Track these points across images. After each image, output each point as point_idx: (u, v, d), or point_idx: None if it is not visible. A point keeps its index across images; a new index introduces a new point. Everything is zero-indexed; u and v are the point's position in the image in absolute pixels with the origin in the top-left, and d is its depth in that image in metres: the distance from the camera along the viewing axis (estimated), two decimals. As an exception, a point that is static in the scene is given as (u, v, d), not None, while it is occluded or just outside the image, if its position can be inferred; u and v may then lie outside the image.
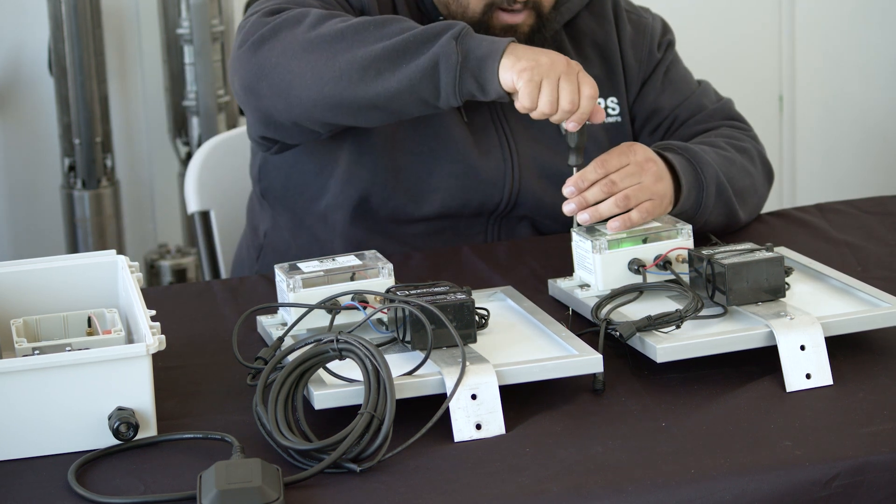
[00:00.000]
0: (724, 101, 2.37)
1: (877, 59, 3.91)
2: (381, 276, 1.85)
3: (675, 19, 2.51)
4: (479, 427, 1.61)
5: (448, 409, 1.61)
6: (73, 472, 1.54)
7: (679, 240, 1.94)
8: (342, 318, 1.80)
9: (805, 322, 1.74)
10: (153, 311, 1.69)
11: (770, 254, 1.83)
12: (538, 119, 1.92)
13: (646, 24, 2.36)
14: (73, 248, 3.45)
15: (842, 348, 1.77)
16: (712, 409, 1.66)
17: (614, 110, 2.31)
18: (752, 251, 1.84)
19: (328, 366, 1.65)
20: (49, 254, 2.06)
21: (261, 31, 2.04)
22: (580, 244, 1.95)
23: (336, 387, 1.63)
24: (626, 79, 2.33)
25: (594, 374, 1.70)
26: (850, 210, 2.33)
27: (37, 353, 1.65)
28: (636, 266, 1.91)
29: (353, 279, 1.84)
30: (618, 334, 1.75)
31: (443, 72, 1.94)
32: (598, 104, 2.01)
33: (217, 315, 2.01)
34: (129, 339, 1.73)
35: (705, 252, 1.85)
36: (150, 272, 3.51)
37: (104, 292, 1.84)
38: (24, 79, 3.51)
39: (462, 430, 1.61)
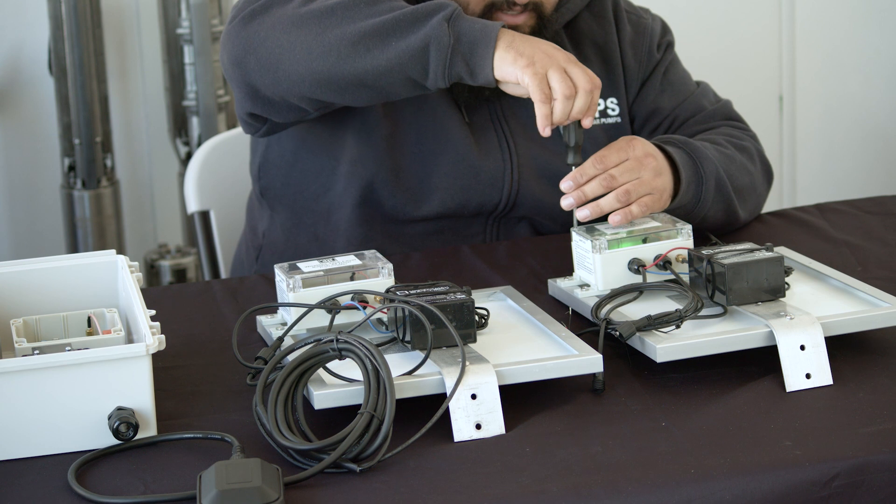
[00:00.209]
0: (723, 101, 2.38)
1: (877, 60, 3.91)
2: (380, 276, 1.85)
3: (675, 19, 2.52)
4: (478, 427, 1.61)
5: (448, 408, 1.61)
6: (73, 472, 1.54)
7: (679, 240, 1.94)
8: (342, 318, 1.80)
9: (805, 322, 1.73)
10: (153, 311, 1.69)
11: (770, 254, 1.83)
12: (558, 122, 1.91)
13: (645, 24, 2.36)
14: (73, 248, 3.45)
15: (842, 348, 1.77)
16: (712, 409, 1.66)
17: (614, 111, 2.31)
18: (751, 251, 1.84)
19: (328, 366, 1.65)
20: (49, 254, 2.06)
21: (252, 6, 2.05)
22: (580, 244, 1.95)
23: (336, 387, 1.63)
24: (626, 79, 2.33)
25: (594, 374, 1.70)
26: (850, 210, 2.33)
27: (37, 353, 1.65)
28: (636, 266, 1.91)
29: (352, 279, 1.84)
30: (618, 334, 1.75)
31: (433, 53, 1.94)
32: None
33: (217, 315, 2.01)
34: (129, 339, 1.73)
35: (705, 252, 1.85)
36: (150, 272, 3.50)
37: (104, 292, 1.84)
38: (24, 79, 3.51)
39: (462, 430, 1.61)
